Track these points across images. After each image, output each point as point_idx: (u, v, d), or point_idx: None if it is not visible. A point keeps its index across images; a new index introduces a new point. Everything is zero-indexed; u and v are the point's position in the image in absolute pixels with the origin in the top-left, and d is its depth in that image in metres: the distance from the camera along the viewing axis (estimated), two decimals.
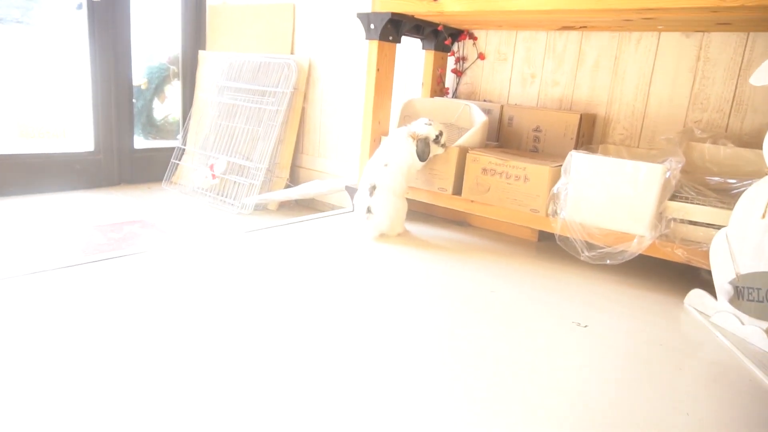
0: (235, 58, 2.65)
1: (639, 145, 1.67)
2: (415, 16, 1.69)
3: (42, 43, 2.50)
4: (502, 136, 1.78)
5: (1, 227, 1.95)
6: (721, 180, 1.33)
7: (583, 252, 1.33)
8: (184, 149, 2.73)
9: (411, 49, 2.12)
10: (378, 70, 1.69)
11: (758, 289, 1.05)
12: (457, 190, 1.57)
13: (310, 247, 1.46)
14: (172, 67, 2.86)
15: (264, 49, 2.64)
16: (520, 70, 1.87)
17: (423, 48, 1.95)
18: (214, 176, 2.50)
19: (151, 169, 2.80)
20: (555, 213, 1.38)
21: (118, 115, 2.63)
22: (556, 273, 1.38)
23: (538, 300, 1.20)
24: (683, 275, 1.39)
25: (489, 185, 1.50)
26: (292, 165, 2.56)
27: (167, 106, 3.01)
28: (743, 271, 1.08)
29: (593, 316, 1.14)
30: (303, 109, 2.52)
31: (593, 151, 1.63)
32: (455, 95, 2.02)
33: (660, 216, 1.27)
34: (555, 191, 1.37)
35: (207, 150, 2.61)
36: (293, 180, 2.61)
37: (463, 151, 1.56)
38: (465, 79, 2.00)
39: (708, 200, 1.24)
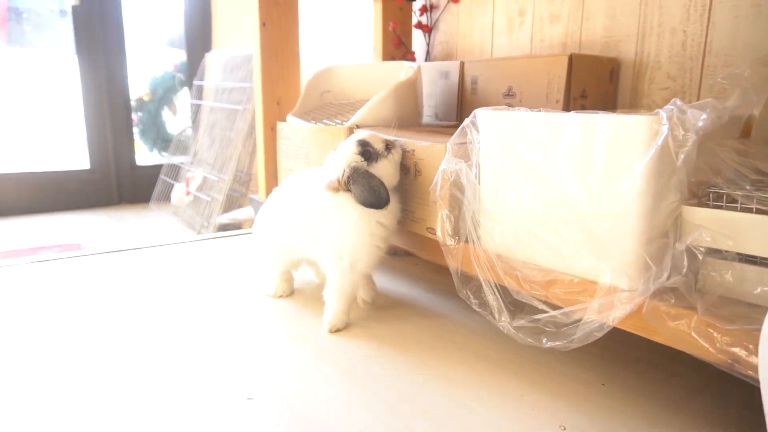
0: (230, 54, 2.27)
1: None
2: None
3: (30, 60, 2.38)
4: (464, 109, 1.11)
5: None
6: None
7: (502, 316, 0.63)
8: (178, 165, 2.42)
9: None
10: (264, 24, 1.15)
11: None
12: None
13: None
14: (178, 74, 2.59)
15: None
16: (504, 8, 1.18)
17: None
18: (188, 193, 2.12)
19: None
20: (455, 235, 0.69)
21: (114, 130, 2.41)
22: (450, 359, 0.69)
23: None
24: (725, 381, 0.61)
25: None
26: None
27: (182, 119, 2.76)
28: None
29: None
30: None
31: None
32: (429, 60, 1.38)
33: (659, 241, 0.53)
34: (437, 189, 0.68)
35: (195, 164, 2.26)
36: None
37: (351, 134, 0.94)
38: (439, 36, 1.35)
39: None
